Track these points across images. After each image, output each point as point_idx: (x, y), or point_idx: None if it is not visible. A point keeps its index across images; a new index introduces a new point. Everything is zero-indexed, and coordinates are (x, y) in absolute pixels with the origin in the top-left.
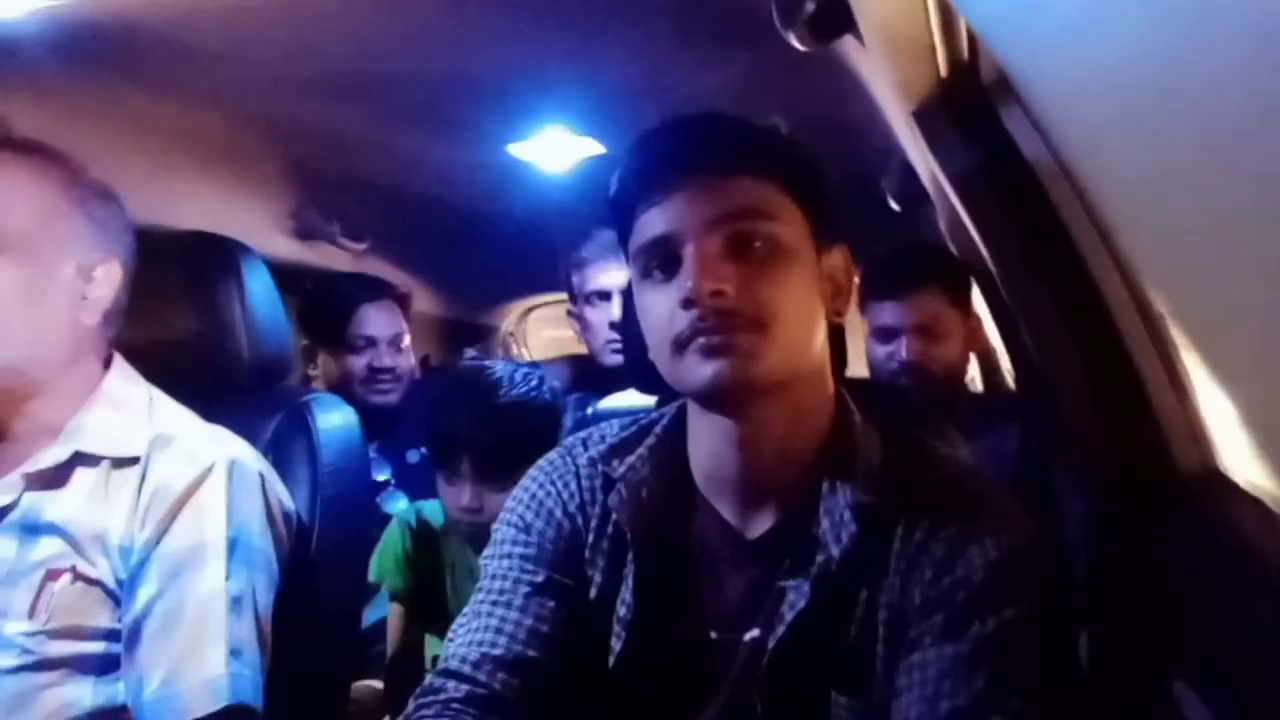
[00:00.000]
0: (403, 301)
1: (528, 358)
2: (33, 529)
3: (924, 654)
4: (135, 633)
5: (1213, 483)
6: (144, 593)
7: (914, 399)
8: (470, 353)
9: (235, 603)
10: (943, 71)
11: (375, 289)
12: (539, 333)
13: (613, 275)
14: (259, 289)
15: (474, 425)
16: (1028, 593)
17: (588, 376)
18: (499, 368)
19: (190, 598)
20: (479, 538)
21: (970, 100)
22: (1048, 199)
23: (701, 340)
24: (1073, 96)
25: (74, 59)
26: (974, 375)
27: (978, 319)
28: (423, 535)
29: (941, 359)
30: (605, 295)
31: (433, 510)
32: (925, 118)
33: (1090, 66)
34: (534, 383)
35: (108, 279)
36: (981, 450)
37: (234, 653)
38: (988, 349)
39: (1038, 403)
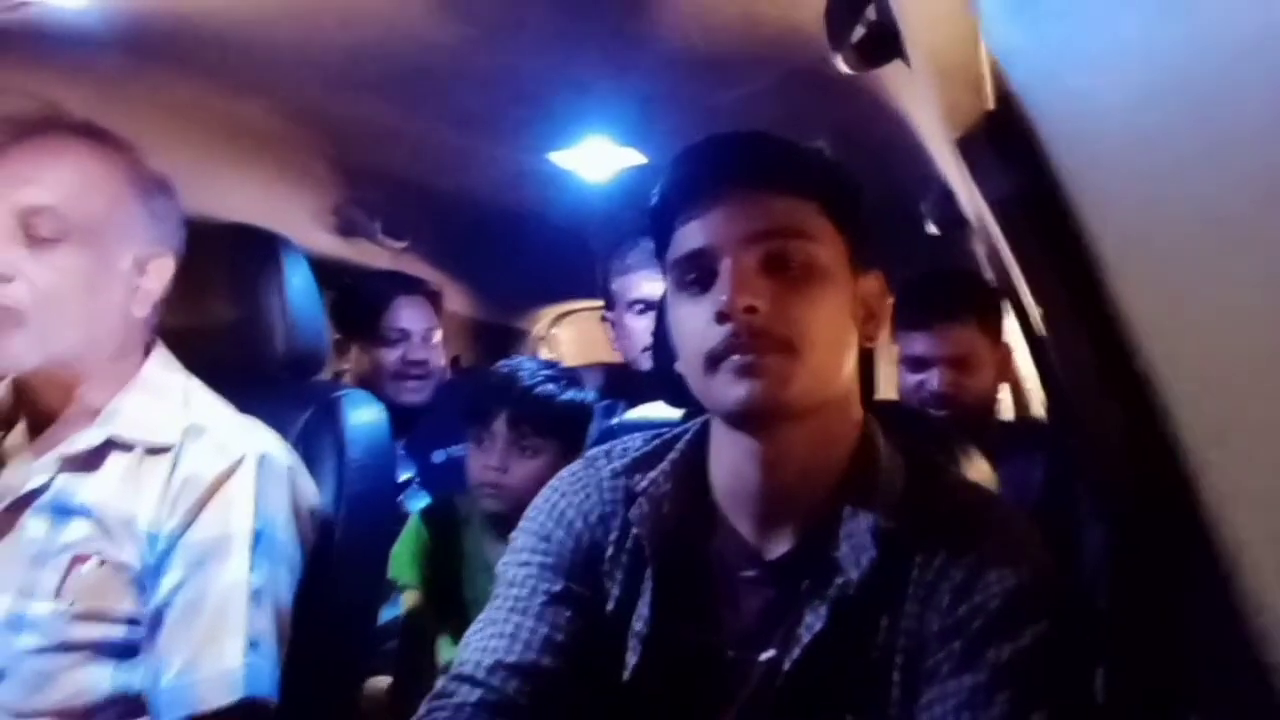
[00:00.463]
0: (434, 299)
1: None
2: (64, 511)
3: (943, 686)
4: (157, 620)
5: None
6: (167, 581)
7: (940, 423)
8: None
9: (256, 595)
10: (990, 103)
11: (408, 284)
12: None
13: (658, 285)
14: (299, 283)
15: (513, 385)
16: (1045, 620)
17: (617, 384)
18: (538, 361)
19: (212, 588)
20: (499, 523)
21: (1015, 131)
22: (1088, 234)
23: (735, 359)
24: (1093, 144)
25: (128, 49)
26: (1004, 397)
27: (1008, 348)
28: (442, 523)
29: (973, 390)
30: (650, 305)
31: (454, 501)
32: (969, 145)
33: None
34: (570, 376)
35: (160, 272)
36: (1007, 478)
37: (252, 645)
38: (1018, 378)
39: (1066, 433)
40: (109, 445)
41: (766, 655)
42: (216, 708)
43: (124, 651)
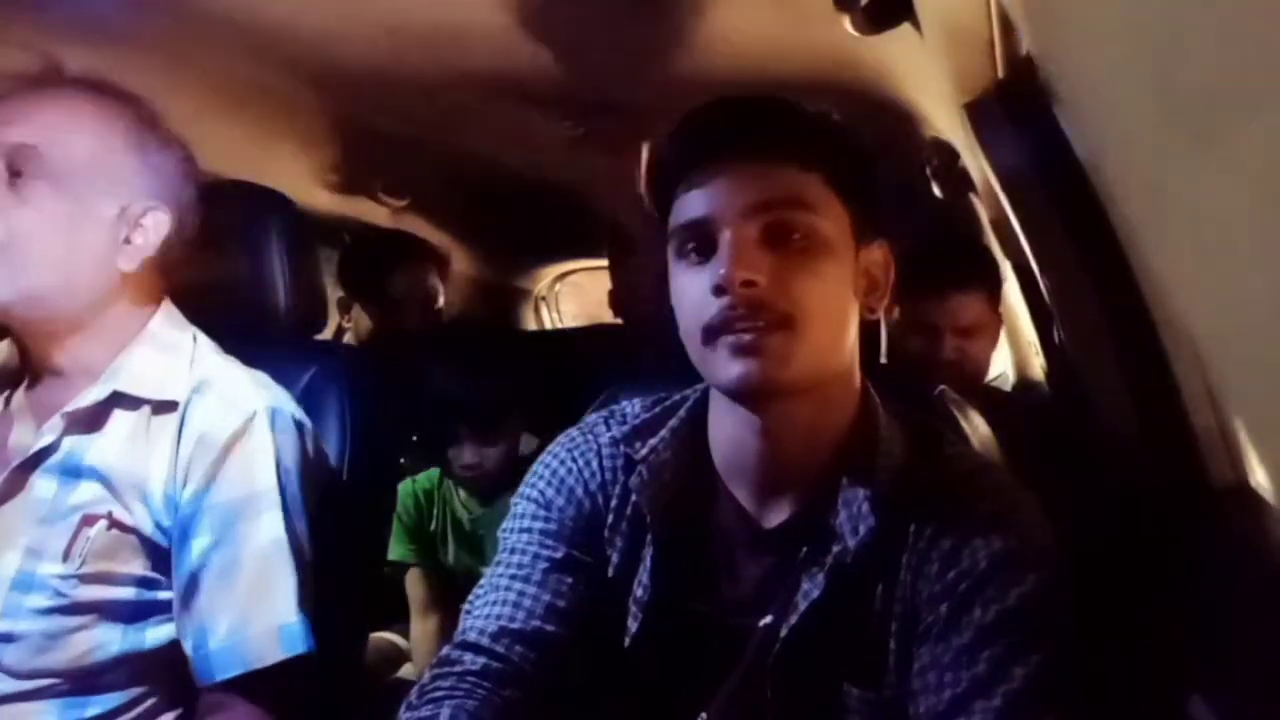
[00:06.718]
0: (440, 263)
1: (559, 323)
2: (73, 472)
3: (932, 649)
4: (192, 584)
5: (1243, 498)
6: (198, 544)
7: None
8: None
9: (294, 551)
10: (1000, 68)
11: (414, 249)
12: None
13: None
14: (299, 241)
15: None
16: (1031, 582)
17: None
18: None
19: (248, 546)
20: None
21: (1025, 97)
22: (1096, 201)
23: (732, 338)
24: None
25: (127, 2)
26: (1005, 371)
27: (1000, 318)
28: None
29: (976, 358)
30: None
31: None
32: (978, 111)
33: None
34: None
35: (154, 227)
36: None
37: (299, 600)
38: (1019, 341)
39: (1068, 404)
40: (114, 402)
41: (765, 622)
42: (273, 662)
43: (133, 613)
